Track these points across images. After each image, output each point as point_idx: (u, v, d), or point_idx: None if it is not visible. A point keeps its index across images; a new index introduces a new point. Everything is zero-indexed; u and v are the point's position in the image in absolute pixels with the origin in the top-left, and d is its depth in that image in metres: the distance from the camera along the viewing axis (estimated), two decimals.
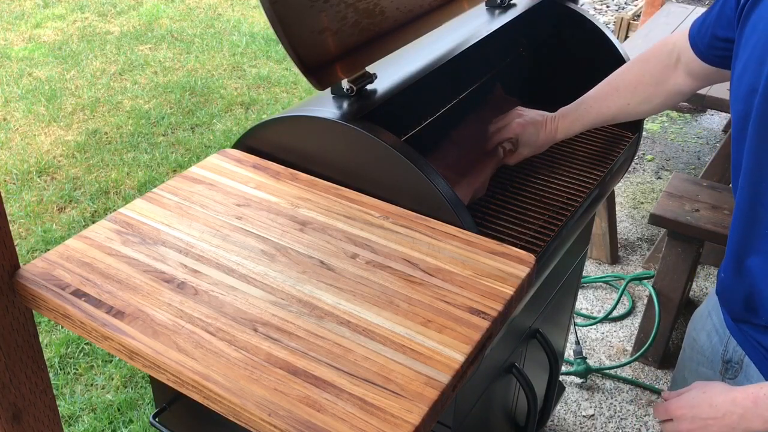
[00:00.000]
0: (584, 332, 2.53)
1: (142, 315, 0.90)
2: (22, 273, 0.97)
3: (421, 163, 1.06)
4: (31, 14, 5.17)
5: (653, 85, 1.27)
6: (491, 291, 0.95)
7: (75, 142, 3.58)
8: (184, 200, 1.12)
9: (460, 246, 1.03)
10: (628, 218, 3.14)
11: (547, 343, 1.57)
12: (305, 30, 1.09)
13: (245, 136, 1.24)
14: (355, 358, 0.84)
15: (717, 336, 1.14)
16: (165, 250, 1.01)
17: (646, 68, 1.29)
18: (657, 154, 3.64)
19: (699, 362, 1.19)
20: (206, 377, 0.82)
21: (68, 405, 2.16)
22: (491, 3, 1.58)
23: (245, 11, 5.43)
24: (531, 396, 1.49)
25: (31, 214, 3.03)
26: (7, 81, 4.19)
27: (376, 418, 0.77)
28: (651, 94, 1.28)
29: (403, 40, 1.29)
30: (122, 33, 4.91)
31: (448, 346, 0.86)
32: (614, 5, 5.75)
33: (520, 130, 1.38)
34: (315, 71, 1.12)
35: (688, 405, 1.02)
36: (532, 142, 1.39)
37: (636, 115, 1.34)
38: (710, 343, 1.16)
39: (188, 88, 4.15)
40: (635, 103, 1.30)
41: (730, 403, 0.96)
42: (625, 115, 1.33)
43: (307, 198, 1.13)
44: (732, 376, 1.09)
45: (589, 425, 2.17)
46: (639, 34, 3.52)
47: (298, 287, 0.95)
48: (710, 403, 0.99)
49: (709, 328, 1.17)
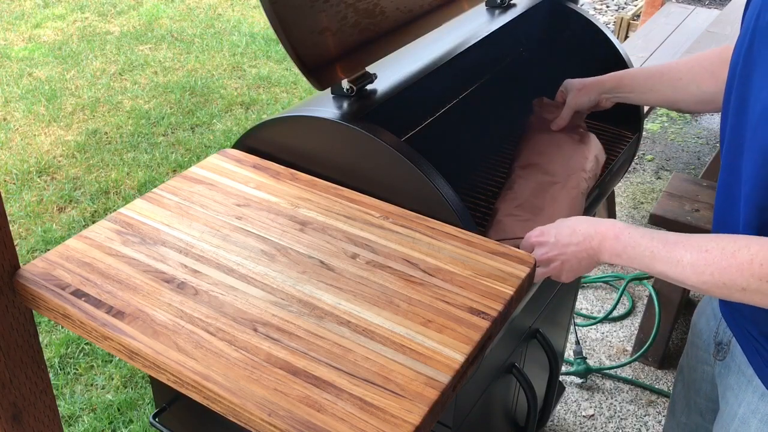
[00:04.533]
0: (584, 332, 2.53)
1: (142, 315, 0.90)
2: (22, 273, 0.97)
3: (421, 163, 1.06)
4: (31, 14, 5.17)
5: (708, 73, 1.25)
6: (491, 291, 0.95)
7: (75, 142, 3.58)
8: (184, 200, 1.12)
9: (460, 246, 1.03)
10: (628, 218, 3.14)
11: (547, 343, 1.57)
12: (305, 30, 1.09)
13: (245, 136, 1.24)
14: (355, 358, 0.84)
15: (713, 320, 1.16)
16: (165, 250, 1.01)
17: (704, 56, 1.28)
18: (657, 154, 3.64)
19: (697, 346, 1.22)
20: (206, 377, 0.82)
21: (68, 405, 2.15)
22: (491, 3, 1.58)
23: (245, 11, 5.43)
24: (531, 396, 1.49)
25: (31, 214, 3.03)
26: (7, 81, 4.19)
27: (376, 418, 0.77)
28: (704, 79, 1.26)
29: (403, 40, 1.29)
30: (122, 33, 4.91)
31: (448, 346, 0.86)
32: (614, 5, 5.75)
33: None
34: (315, 71, 1.12)
35: (550, 232, 1.07)
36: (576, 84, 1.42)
37: (684, 96, 1.31)
38: (708, 327, 1.18)
39: (188, 88, 4.15)
40: (686, 80, 1.28)
41: (593, 230, 1.02)
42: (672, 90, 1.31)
43: (307, 198, 1.13)
44: (722, 357, 1.12)
45: (589, 425, 2.17)
46: (639, 34, 3.52)
47: (298, 287, 0.95)
48: (573, 229, 1.04)
49: (708, 313, 1.20)
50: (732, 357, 1.08)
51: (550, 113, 1.47)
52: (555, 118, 1.45)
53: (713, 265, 0.88)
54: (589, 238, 1.02)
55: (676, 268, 0.93)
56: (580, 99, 1.41)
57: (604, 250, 1.01)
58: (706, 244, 0.90)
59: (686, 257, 0.91)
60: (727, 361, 1.10)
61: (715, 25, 3.03)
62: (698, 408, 1.25)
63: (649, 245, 0.96)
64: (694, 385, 1.25)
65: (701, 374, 1.22)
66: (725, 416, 1.08)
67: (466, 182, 1.42)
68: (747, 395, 1.03)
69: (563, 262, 1.05)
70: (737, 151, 0.95)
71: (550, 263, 1.06)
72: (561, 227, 1.06)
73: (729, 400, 1.07)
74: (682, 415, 1.31)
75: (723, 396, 1.10)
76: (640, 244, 0.97)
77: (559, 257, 1.05)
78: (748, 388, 1.03)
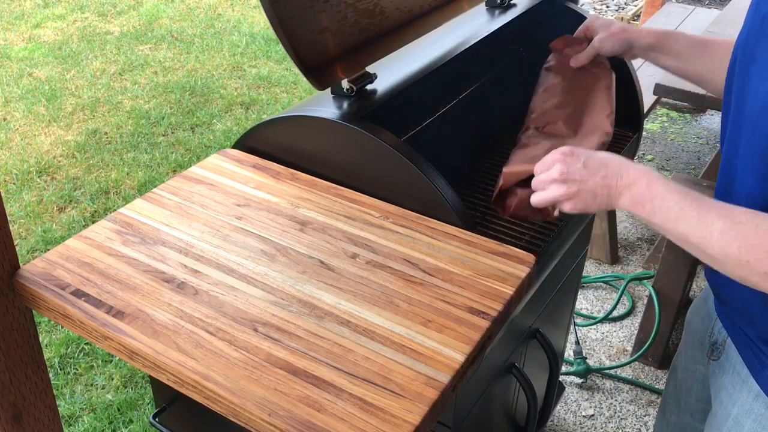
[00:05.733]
0: (584, 332, 2.53)
1: (142, 315, 0.90)
2: (22, 273, 0.97)
3: (421, 163, 1.05)
4: (31, 14, 5.17)
5: None
6: (491, 291, 0.95)
7: (75, 142, 3.58)
8: (184, 200, 1.12)
9: (460, 246, 1.03)
10: (628, 218, 3.14)
11: (547, 343, 1.57)
12: (305, 30, 1.09)
13: (245, 136, 1.24)
14: (355, 358, 0.84)
15: (708, 320, 1.16)
16: (165, 250, 1.01)
17: None
18: (657, 154, 3.64)
19: (693, 346, 1.21)
20: (206, 377, 0.82)
21: (68, 405, 2.15)
22: (491, 3, 1.58)
23: (245, 11, 5.43)
24: (531, 396, 1.49)
25: (31, 214, 3.03)
26: (7, 81, 4.19)
27: (376, 418, 0.77)
28: None
29: (403, 40, 1.29)
30: (122, 33, 4.91)
31: (448, 346, 0.86)
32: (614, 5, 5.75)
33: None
34: (315, 71, 1.12)
35: (580, 155, 0.97)
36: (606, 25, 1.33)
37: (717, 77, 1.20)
38: (703, 326, 1.17)
39: (188, 88, 4.15)
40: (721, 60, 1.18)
41: (625, 171, 0.94)
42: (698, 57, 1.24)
43: (307, 198, 1.13)
44: (716, 357, 1.11)
45: (589, 425, 2.17)
46: None
47: (298, 287, 0.95)
48: (605, 162, 0.96)
49: (703, 313, 1.19)
50: (726, 357, 1.07)
51: (572, 48, 1.37)
52: (576, 53, 1.35)
53: (742, 240, 0.82)
54: (617, 176, 0.94)
55: (703, 233, 0.86)
56: (607, 43, 1.31)
57: (627, 194, 0.93)
58: (739, 216, 0.84)
59: (717, 224, 0.85)
60: (721, 361, 1.09)
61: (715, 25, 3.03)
62: (689, 408, 1.25)
63: (680, 201, 0.88)
64: (685, 385, 1.24)
65: (693, 374, 1.21)
66: (718, 416, 1.07)
67: (466, 182, 1.42)
68: (741, 395, 1.02)
69: (579, 191, 0.96)
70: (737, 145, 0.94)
71: (565, 185, 0.96)
72: (593, 155, 0.97)
73: (723, 399, 1.07)
74: (672, 415, 1.31)
75: (716, 396, 1.09)
76: (670, 197, 0.89)
77: (578, 183, 0.96)
78: (743, 388, 1.02)
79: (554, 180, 0.97)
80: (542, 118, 1.30)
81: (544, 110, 1.31)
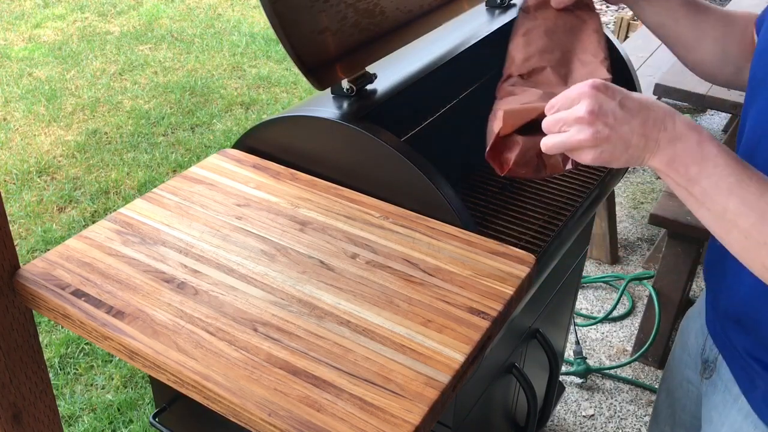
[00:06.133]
0: (584, 332, 2.53)
1: (142, 315, 0.90)
2: (22, 273, 0.97)
3: (421, 163, 1.06)
4: (31, 14, 5.17)
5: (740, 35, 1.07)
6: (491, 291, 0.95)
7: (75, 142, 3.58)
8: (184, 200, 1.12)
9: (460, 246, 1.03)
10: (628, 218, 3.14)
11: (547, 343, 1.57)
12: (305, 30, 1.09)
13: (245, 136, 1.24)
14: (355, 358, 0.84)
15: (701, 336, 1.12)
16: (165, 250, 1.01)
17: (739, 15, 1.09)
18: None
19: (686, 364, 1.17)
20: (206, 377, 0.82)
21: (68, 405, 2.15)
22: (491, 3, 1.58)
23: (245, 11, 5.43)
24: (531, 396, 1.49)
25: (31, 214, 3.03)
26: (7, 81, 4.19)
27: (376, 418, 0.77)
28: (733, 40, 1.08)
29: (403, 40, 1.29)
30: (122, 33, 4.91)
31: (448, 346, 0.86)
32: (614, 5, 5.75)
33: None
34: (315, 71, 1.12)
35: (615, 92, 0.78)
36: None
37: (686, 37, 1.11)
38: (695, 343, 1.14)
39: (188, 88, 4.15)
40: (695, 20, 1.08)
41: (671, 121, 0.77)
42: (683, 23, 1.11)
43: (307, 198, 1.13)
44: (708, 376, 1.07)
45: (589, 425, 2.17)
46: (639, 34, 3.52)
47: (298, 287, 0.95)
48: (646, 105, 0.78)
49: (696, 329, 1.15)
50: (719, 375, 1.04)
51: None
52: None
53: None
54: (660, 125, 0.76)
55: (761, 215, 0.73)
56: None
57: (670, 150, 0.76)
58: None
59: None
60: (713, 379, 1.05)
61: None
62: (683, 423, 1.22)
63: (737, 171, 0.74)
64: (679, 402, 1.21)
65: (686, 392, 1.18)
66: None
67: (466, 182, 1.42)
68: (732, 414, 0.98)
69: (609, 136, 0.76)
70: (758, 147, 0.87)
71: (593, 126, 0.76)
72: (631, 95, 0.78)
73: (713, 419, 1.03)
74: (666, 426, 1.28)
75: (707, 416, 1.05)
76: (726, 164, 0.74)
77: (610, 127, 0.76)
78: (733, 407, 0.98)
79: (579, 119, 0.76)
80: (525, 65, 1.08)
81: (527, 55, 1.09)
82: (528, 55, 1.09)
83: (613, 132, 0.76)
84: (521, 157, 0.86)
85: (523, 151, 0.86)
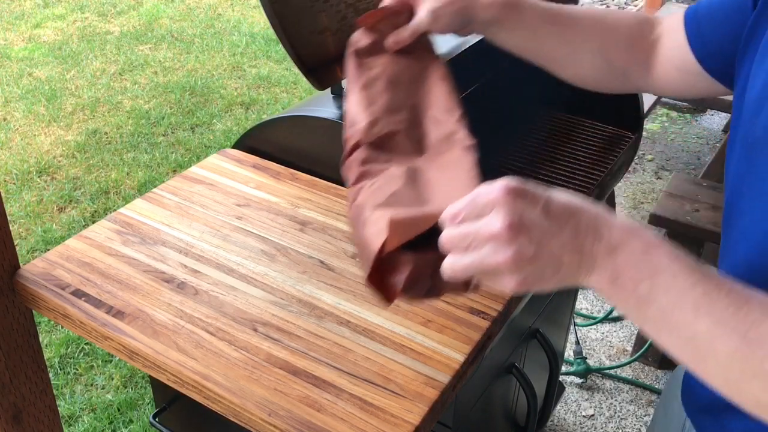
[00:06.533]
0: (584, 332, 2.53)
1: (142, 315, 0.90)
2: (22, 273, 0.97)
3: None
4: (31, 14, 5.17)
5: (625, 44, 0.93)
6: (491, 291, 0.95)
7: (75, 142, 3.58)
8: (184, 200, 1.12)
9: None
10: (628, 217, 3.14)
11: (547, 343, 1.57)
12: (305, 30, 1.09)
13: (245, 136, 1.24)
14: (355, 358, 0.84)
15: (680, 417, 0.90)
16: (165, 250, 1.01)
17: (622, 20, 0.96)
18: (657, 154, 3.64)
19: (667, 428, 0.96)
20: (206, 377, 0.82)
21: (68, 405, 2.15)
22: None
23: (245, 11, 5.43)
24: (531, 396, 1.49)
25: (31, 214, 3.03)
26: (7, 81, 4.19)
27: (376, 418, 0.77)
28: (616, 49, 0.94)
29: None
30: (122, 33, 4.91)
31: (448, 346, 0.86)
32: (614, 5, 5.76)
33: None
34: (315, 71, 1.12)
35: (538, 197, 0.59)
36: None
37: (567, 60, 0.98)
38: (679, 413, 0.91)
39: (188, 88, 4.15)
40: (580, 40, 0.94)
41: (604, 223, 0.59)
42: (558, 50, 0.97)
43: (307, 198, 1.13)
44: None
45: (589, 425, 2.17)
46: None
47: (298, 287, 0.95)
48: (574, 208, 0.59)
49: (680, 398, 0.92)
50: None
51: (388, 22, 0.93)
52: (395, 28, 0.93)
53: None
54: (594, 233, 0.58)
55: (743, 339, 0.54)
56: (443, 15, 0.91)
57: (609, 264, 0.58)
58: None
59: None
60: None
61: None
62: None
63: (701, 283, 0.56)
64: None
65: None
66: None
67: None
68: None
69: (535, 257, 0.57)
70: None
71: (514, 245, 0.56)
72: (554, 197, 0.60)
73: None
74: None
75: None
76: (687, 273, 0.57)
77: (536, 243, 0.57)
78: None
79: (494, 236, 0.57)
80: (373, 130, 0.85)
81: (374, 118, 0.86)
82: (374, 118, 0.86)
83: (539, 250, 0.57)
84: (412, 278, 0.65)
85: (414, 273, 0.65)
